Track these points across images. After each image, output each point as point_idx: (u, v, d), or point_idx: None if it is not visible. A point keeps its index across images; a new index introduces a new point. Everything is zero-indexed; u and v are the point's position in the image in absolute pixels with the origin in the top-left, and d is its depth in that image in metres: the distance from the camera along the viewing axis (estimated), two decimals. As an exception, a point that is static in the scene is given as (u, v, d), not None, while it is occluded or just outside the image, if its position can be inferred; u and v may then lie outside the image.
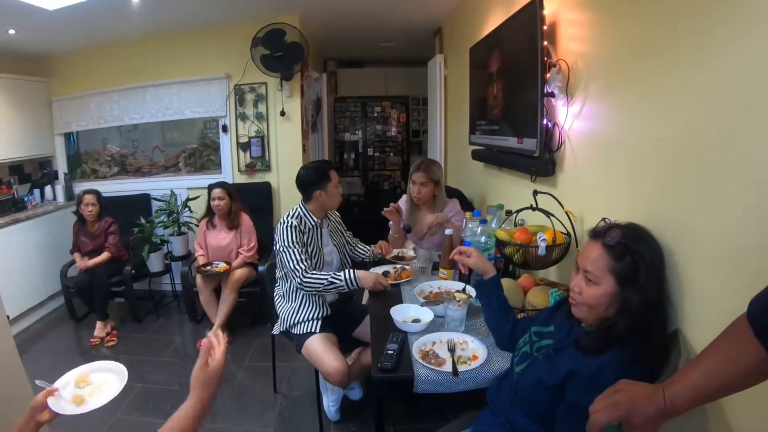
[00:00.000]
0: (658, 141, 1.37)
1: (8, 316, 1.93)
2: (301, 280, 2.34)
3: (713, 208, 1.15)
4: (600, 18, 1.76)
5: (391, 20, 4.82)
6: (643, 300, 1.17)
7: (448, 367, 1.59)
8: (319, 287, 2.34)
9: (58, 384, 1.37)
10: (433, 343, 1.75)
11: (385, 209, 2.91)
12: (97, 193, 4.15)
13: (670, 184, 1.33)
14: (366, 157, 7.90)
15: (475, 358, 1.64)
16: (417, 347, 1.70)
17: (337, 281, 2.33)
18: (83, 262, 3.94)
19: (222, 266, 3.75)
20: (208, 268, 3.75)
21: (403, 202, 3.14)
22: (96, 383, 1.40)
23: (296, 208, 2.53)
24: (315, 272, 2.37)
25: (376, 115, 7.84)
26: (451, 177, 4.65)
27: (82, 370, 1.45)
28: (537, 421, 1.30)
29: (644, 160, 1.46)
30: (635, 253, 1.20)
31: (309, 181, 2.52)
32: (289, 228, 2.40)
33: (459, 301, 1.78)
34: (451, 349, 1.67)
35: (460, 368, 1.58)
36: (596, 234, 1.29)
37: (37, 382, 1.38)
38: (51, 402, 1.27)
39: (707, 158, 1.16)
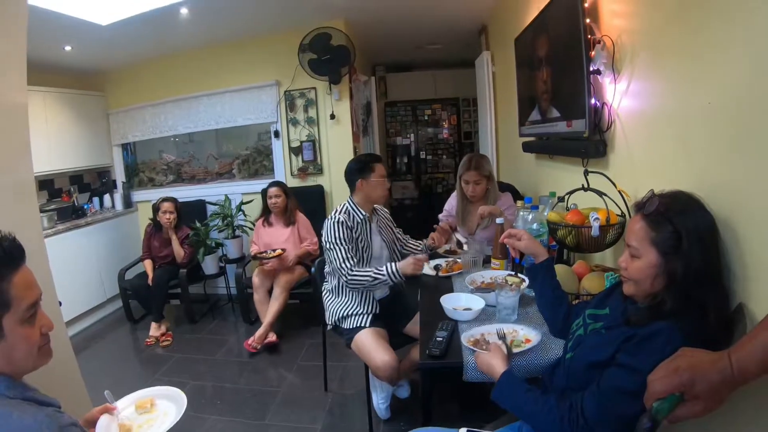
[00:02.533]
0: (708, 104, 1.29)
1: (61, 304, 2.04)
2: (347, 277, 2.36)
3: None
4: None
5: (436, 21, 4.83)
6: (689, 270, 1.10)
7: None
8: (365, 283, 2.36)
9: (119, 404, 1.41)
10: (482, 334, 1.69)
11: (433, 235, 2.85)
12: (174, 200, 4.37)
13: (724, 150, 1.24)
14: (418, 161, 7.89)
15: (528, 341, 1.59)
16: (465, 338, 1.65)
17: (381, 276, 2.33)
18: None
19: (278, 251, 3.84)
20: (264, 254, 3.84)
21: (452, 199, 3.11)
22: (155, 413, 1.41)
23: (344, 204, 2.56)
24: (360, 269, 2.38)
25: (426, 118, 7.83)
26: (504, 173, 4.58)
27: (146, 393, 1.48)
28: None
29: (695, 128, 1.37)
30: (675, 221, 1.13)
31: (352, 170, 2.55)
32: (336, 224, 2.42)
33: (512, 285, 1.71)
34: (501, 337, 1.60)
35: (514, 350, 1.53)
36: (638, 206, 1.23)
37: (105, 393, 1.43)
38: (101, 424, 1.28)
39: (764, 116, 1.07)
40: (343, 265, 2.37)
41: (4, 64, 1.80)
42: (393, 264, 2.35)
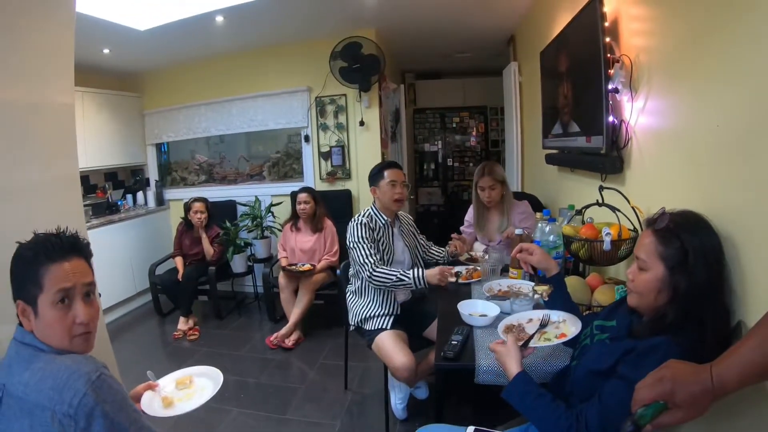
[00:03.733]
0: (717, 127, 1.35)
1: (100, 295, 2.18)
2: (370, 273, 2.44)
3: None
4: (658, 9, 1.75)
5: (465, 31, 4.89)
6: (692, 287, 1.16)
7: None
8: (388, 282, 2.43)
9: (161, 381, 1.56)
10: (530, 320, 1.68)
11: (455, 243, 2.94)
12: (205, 200, 4.56)
13: (730, 172, 1.30)
14: (446, 168, 7.95)
15: (562, 336, 1.54)
16: (505, 322, 1.69)
17: (406, 279, 2.40)
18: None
19: (307, 266, 3.96)
20: (293, 266, 3.96)
21: (469, 216, 3.20)
22: (193, 388, 1.55)
23: (367, 209, 2.68)
24: (384, 267, 2.47)
25: (454, 125, 7.88)
26: (528, 183, 4.62)
27: (186, 372, 1.62)
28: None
29: (704, 149, 1.43)
30: (683, 238, 1.19)
31: (369, 179, 2.70)
32: (358, 225, 2.54)
33: (542, 292, 1.76)
34: (544, 324, 1.62)
35: (538, 344, 1.52)
36: (649, 222, 1.30)
37: (148, 373, 1.57)
38: (145, 398, 1.45)
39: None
40: (366, 261, 2.46)
41: (54, 68, 1.91)
42: (421, 270, 2.42)
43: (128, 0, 3.34)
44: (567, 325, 1.58)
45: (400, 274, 2.42)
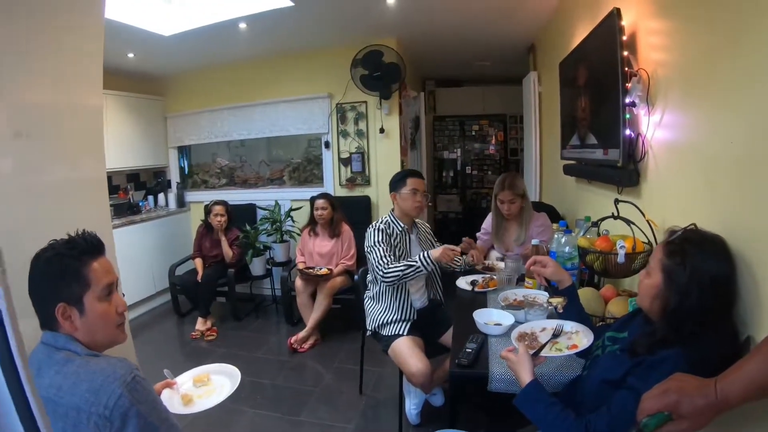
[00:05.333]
0: (731, 143, 1.37)
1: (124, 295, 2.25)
2: (383, 273, 2.49)
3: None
4: (676, 25, 1.77)
5: (486, 39, 4.92)
6: (682, 305, 1.18)
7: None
8: (399, 274, 2.47)
9: (179, 379, 1.61)
10: (543, 329, 1.72)
11: (472, 252, 2.91)
12: (225, 203, 4.65)
13: (746, 189, 1.31)
14: (464, 175, 7.98)
15: (574, 347, 1.57)
16: (518, 330, 1.72)
17: (413, 263, 2.46)
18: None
19: (324, 270, 4.01)
20: (311, 270, 4.02)
21: (486, 225, 3.23)
22: (211, 385, 1.59)
23: (385, 216, 2.73)
24: (393, 265, 2.51)
25: (474, 133, 7.91)
26: (546, 193, 4.63)
27: (203, 369, 1.67)
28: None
29: (719, 166, 1.44)
30: (687, 256, 1.21)
31: (389, 185, 2.75)
32: (375, 231, 2.60)
33: (556, 305, 1.76)
34: (557, 334, 1.65)
35: (549, 353, 1.55)
36: (668, 232, 1.34)
37: (165, 371, 1.63)
38: (164, 396, 1.49)
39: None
40: (380, 262, 2.51)
41: (84, 72, 1.95)
42: (426, 252, 2.48)
43: (154, 6, 3.45)
44: (579, 337, 1.60)
45: (407, 262, 2.48)
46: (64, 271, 1.20)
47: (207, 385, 1.60)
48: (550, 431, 1.31)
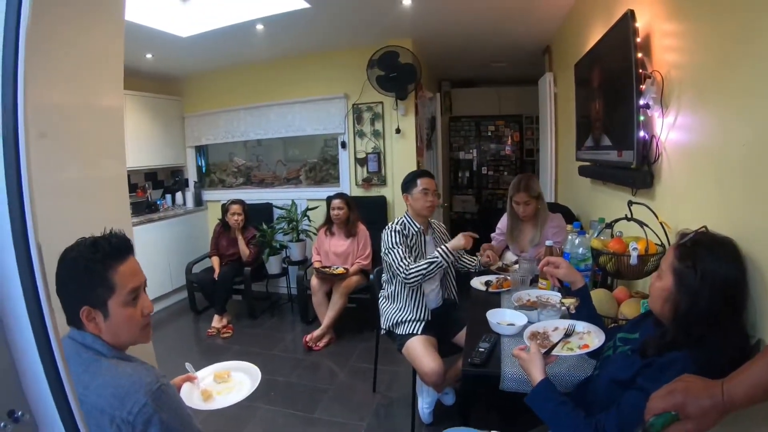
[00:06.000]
0: (743, 146, 1.37)
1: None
2: (405, 275, 2.52)
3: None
4: (690, 27, 1.77)
5: (501, 41, 4.93)
6: (692, 309, 1.19)
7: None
8: (422, 272, 2.51)
9: (199, 374, 1.64)
10: (555, 328, 1.75)
11: (488, 253, 2.95)
12: (242, 203, 4.71)
13: (757, 193, 1.31)
14: (480, 176, 7.97)
15: (585, 347, 1.58)
16: (530, 329, 1.75)
17: (434, 260, 2.51)
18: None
19: (340, 270, 4.05)
20: (327, 269, 4.06)
21: (501, 225, 3.25)
22: (231, 382, 1.61)
23: (401, 217, 2.76)
24: (415, 265, 2.54)
25: (489, 134, 7.89)
26: (561, 194, 4.61)
27: (224, 366, 1.69)
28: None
29: (732, 168, 1.44)
30: (698, 259, 1.21)
31: (402, 186, 2.78)
32: (392, 233, 2.63)
33: (569, 305, 1.78)
34: (568, 334, 1.67)
35: (561, 353, 1.56)
36: (679, 235, 1.34)
37: (186, 365, 1.67)
38: (184, 390, 1.52)
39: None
40: (401, 264, 2.54)
41: (104, 73, 1.99)
42: (444, 246, 2.54)
43: (171, 8, 3.51)
44: (591, 337, 1.62)
45: (428, 259, 2.52)
46: (89, 274, 1.20)
47: (227, 382, 1.62)
48: (561, 430, 1.32)
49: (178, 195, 5.78)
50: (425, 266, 2.51)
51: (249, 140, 5.73)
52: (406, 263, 2.54)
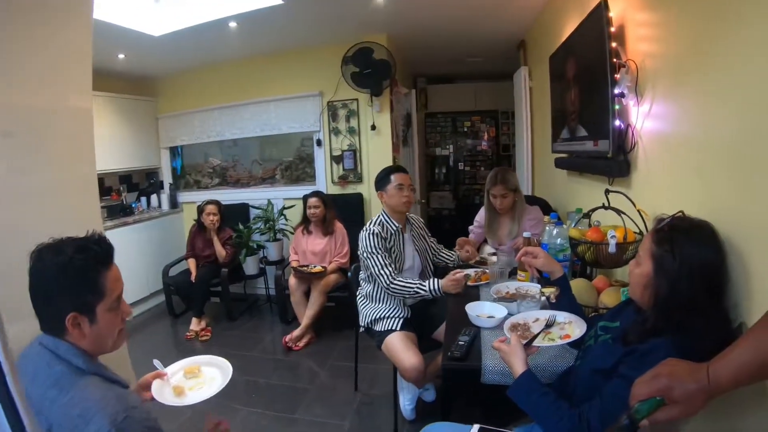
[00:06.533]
0: (722, 129, 1.37)
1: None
2: (388, 284, 2.49)
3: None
4: (664, 15, 1.77)
5: (476, 35, 4.92)
6: (673, 295, 1.18)
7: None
8: (405, 293, 2.50)
9: (169, 370, 1.58)
10: (536, 319, 1.72)
11: (467, 248, 2.93)
12: (217, 203, 4.63)
13: (734, 176, 1.31)
14: (457, 172, 7.99)
15: (567, 337, 1.56)
16: (511, 320, 1.72)
17: (422, 291, 2.47)
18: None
19: (318, 268, 4.01)
20: (305, 268, 4.02)
21: (479, 218, 3.23)
22: (202, 378, 1.56)
23: (378, 215, 2.71)
24: (401, 279, 2.52)
25: (466, 129, 7.92)
26: (538, 187, 4.64)
27: (194, 360, 1.63)
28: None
29: (711, 154, 1.45)
30: (675, 244, 1.20)
31: (375, 184, 2.73)
32: (371, 235, 2.57)
33: (549, 294, 1.75)
34: (549, 324, 1.64)
35: (542, 343, 1.54)
36: (656, 220, 1.33)
37: (155, 361, 1.61)
38: (155, 387, 1.47)
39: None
40: (383, 272, 2.51)
41: (73, 74, 1.94)
42: (436, 281, 2.47)
43: (143, 6, 3.42)
44: (572, 327, 1.60)
45: (418, 287, 2.48)
46: (80, 279, 1.17)
47: (198, 377, 1.57)
48: (544, 421, 1.30)
49: (153, 197, 5.66)
50: (410, 290, 2.49)
51: (225, 141, 5.64)
52: (389, 272, 2.51)
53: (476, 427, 1.39)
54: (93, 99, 4.50)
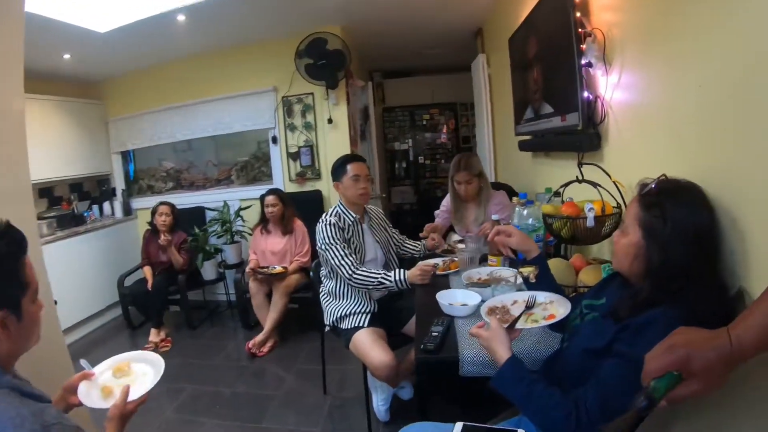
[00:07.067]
0: (699, 87, 1.28)
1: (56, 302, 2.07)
2: (350, 275, 2.34)
3: (763, 150, 1.04)
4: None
5: (432, 25, 4.85)
6: (666, 261, 1.08)
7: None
8: (369, 284, 2.35)
9: (96, 369, 1.40)
10: (514, 301, 1.58)
11: (433, 235, 2.84)
12: (171, 205, 4.41)
13: (717, 134, 1.23)
14: (417, 166, 7.91)
15: (551, 317, 1.42)
16: (487, 304, 1.59)
17: (387, 282, 2.32)
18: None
19: (279, 269, 3.84)
20: (265, 269, 3.84)
21: (445, 203, 3.12)
22: (132, 375, 1.41)
23: (335, 207, 2.56)
24: (365, 269, 2.37)
25: (424, 123, 7.85)
26: (501, 174, 4.61)
27: (122, 357, 1.47)
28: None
29: (687, 114, 1.37)
30: (665, 207, 1.11)
31: (331, 174, 2.58)
32: (327, 226, 2.42)
33: (528, 274, 1.61)
34: (530, 306, 1.50)
35: (525, 326, 1.40)
36: (640, 186, 1.22)
37: (81, 361, 1.42)
38: (81, 390, 1.31)
39: (756, 93, 1.06)
40: (343, 263, 2.36)
41: (2, 73, 1.81)
42: (402, 271, 2.33)
43: (87, 0, 3.18)
44: (555, 306, 1.47)
45: (382, 278, 2.33)
46: (5, 272, 1.04)
47: (128, 375, 1.40)
48: (536, 412, 1.17)
49: (106, 205, 5.34)
50: (374, 281, 2.34)
51: (179, 144, 5.40)
52: (350, 262, 2.36)
53: (459, 425, 1.25)
54: (39, 104, 4.27)
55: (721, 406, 1.03)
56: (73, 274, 4.30)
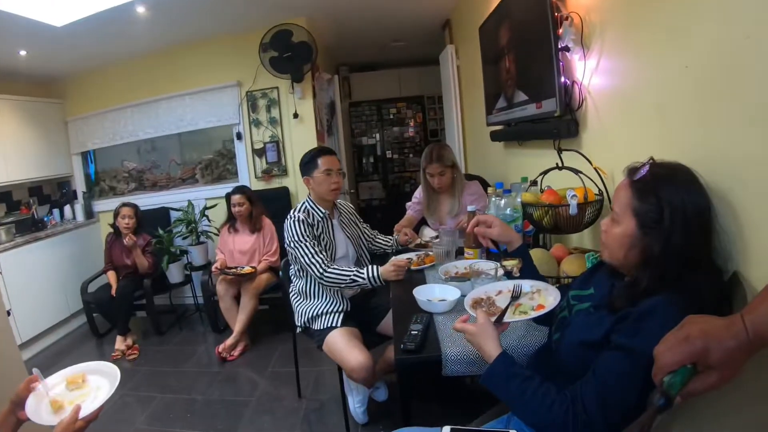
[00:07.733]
0: (686, 68, 1.23)
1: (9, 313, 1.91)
2: (321, 274, 2.23)
3: (759, 130, 1.00)
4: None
5: (399, 18, 4.77)
6: (666, 250, 1.02)
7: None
8: (341, 283, 2.24)
9: (50, 381, 1.28)
10: (499, 292, 1.50)
11: (406, 230, 2.79)
12: (134, 206, 4.21)
13: (705, 113, 1.19)
14: (385, 161, 7.82)
15: (540, 307, 1.35)
16: (471, 296, 1.50)
17: (360, 279, 2.22)
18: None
19: (247, 269, 3.70)
20: (233, 270, 3.70)
21: (418, 194, 3.04)
22: (86, 388, 1.30)
23: (303, 202, 2.44)
24: (336, 267, 2.27)
25: (392, 117, 7.76)
26: (472, 166, 4.56)
27: (77, 369, 1.36)
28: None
29: (673, 96, 1.32)
30: (661, 194, 1.05)
31: (300, 168, 2.46)
32: (296, 223, 2.30)
33: (511, 268, 1.55)
34: (516, 296, 1.43)
35: (513, 318, 1.33)
36: (629, 171, 1.15)
37: (34, 370, 1.29)
38: (29, 404, 1.19)
39: (741, 71, 1.02)
40: (314, 260, 2.25)
41: None
42: (375, 268, 2.24)
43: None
44: (543, 296, 1.40)
45: (355, 275, 2.22)
46: None
47: (82, 388, 1.28)
48: (529, 411, 1.09)
49: (67, 208, 5.06)
50: (348, 279, 2.23)
51: (142, 145, 5.18)
52: (320, 260, 2.24)
53: (447, 429, 1.17)
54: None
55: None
56: (34, 281, 4.07)
